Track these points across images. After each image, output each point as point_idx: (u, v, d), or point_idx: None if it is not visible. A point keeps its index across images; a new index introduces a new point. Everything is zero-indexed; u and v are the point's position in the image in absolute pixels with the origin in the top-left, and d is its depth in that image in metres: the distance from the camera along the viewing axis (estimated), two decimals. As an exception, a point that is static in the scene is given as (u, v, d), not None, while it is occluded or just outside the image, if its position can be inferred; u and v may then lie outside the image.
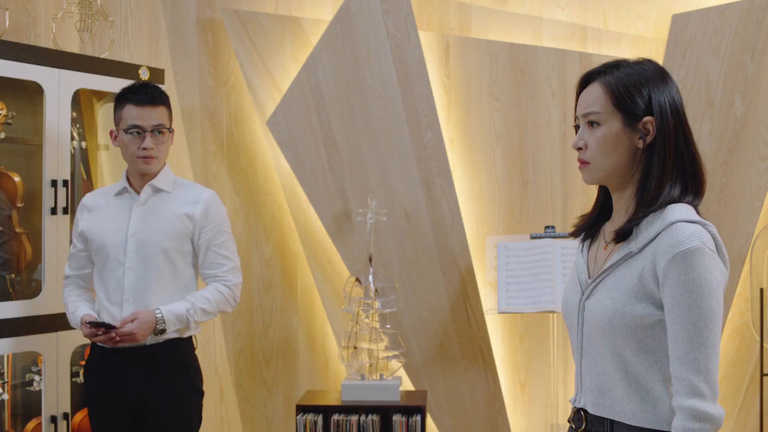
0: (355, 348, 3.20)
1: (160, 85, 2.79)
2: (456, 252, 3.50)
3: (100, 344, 2.46)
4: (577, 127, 1.60)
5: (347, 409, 3.07)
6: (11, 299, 3.00)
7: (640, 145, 1.53)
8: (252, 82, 3.54)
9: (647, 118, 1.52)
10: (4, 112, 2.99)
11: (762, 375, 3.45)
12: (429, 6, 3.68)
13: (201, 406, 2.58)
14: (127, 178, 2.58)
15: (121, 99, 2.52)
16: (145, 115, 2.48)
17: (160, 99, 2.53)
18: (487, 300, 3.52)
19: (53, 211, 2.88)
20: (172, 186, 2.58)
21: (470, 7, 3.68)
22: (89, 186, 3.32)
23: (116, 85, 2.91)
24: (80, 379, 3.04)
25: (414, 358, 3.47)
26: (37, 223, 2.98)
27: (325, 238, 3.54)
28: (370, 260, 3.24)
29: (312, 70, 3.45)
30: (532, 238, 3.36)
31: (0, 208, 3.04)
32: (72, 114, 3.05)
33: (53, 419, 2.86)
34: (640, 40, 3.69)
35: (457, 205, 3.50)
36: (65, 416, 2.90)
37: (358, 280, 3.25)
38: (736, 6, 3.47)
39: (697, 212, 1.52)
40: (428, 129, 3.48)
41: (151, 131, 2.49)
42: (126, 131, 2.49)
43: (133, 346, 2.44)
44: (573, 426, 1.61)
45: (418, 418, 3.05)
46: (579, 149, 1.58)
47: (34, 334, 2.82)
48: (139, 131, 2.49)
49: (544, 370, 3.60)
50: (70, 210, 2.93)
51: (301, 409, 3.09)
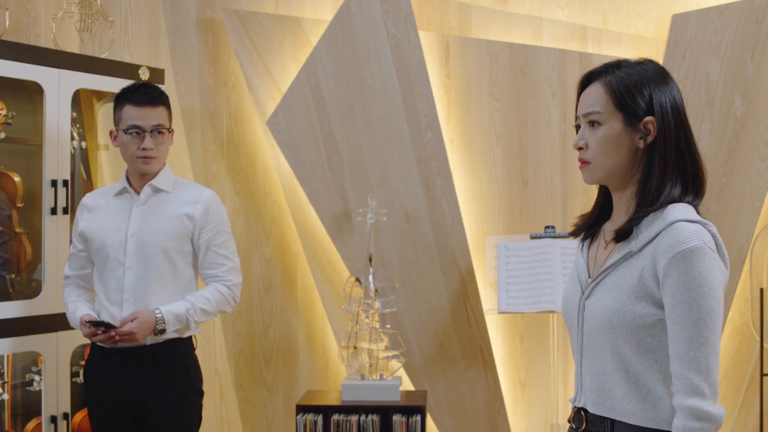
0: (355, 348, 3.19)
1: (160, 85, 2.79)
2: (456, 252, 3.50)
3: (100, 344, 2.46)
4: (577, 127, 1.61)
5: (347, 409, 3.07)
6: (11, 299, 3.00)
7: (641, 145, 1.53)
8: (252, 82, 3.54)
9: (648, 118, 1.52)
10: (4, 112, 2.99)
11: (762, 375, 3.45)
12: (429, 6, 3.68)
13: (201, 406, 2.58)
14: (127, 178, 2.57)
15: (121, 99, 2.52)
16: (145, 116, 2.48)
17: (160, 99, 2.53)
18: (487, 300, 3.52)
19: (53, 211, 2.88)
20: (172, 186, 2.58)
21: (470, 7, 3.68)
22: (89, 186, 3.32)
23: (116, 85, 2.91)
24: (80, 379, 3.04)
25: (414, 358, 3.47)
26: (37, 223, 2.98)
27: (325, 238, 3.54)
28: (370, 260, 3.24)
29: (312, 70, 3.45)
30: (532, 238, 3.36)
31: (0, 208, 3.04)
32: (72, 114, 3.05)
33: (53, 419, 2.86)
34: (640, 40, 3.69)
35: (457, 205, 3.50)
36: (65, 416, 2.90)
37: (358, 280, 3.25)
38: (736, 6, 3.47)
39: (698, 212, 1.53)
40: (428, 129, 3.48)
41: (151, 131, 2.49)
42: (125, 131, 2.49)
43: (133, 346, 2.44)
44: (573, 426, 1.61)
45: (418, 418, 3.05)
46: (580, 149, 1.58)
47: (34, 334, 2.82)
48: (139, 131, 2.48)
49: (544, 370, 3.60)
50: (70, 210, 2.93)
51: (301, 409, 3.09)
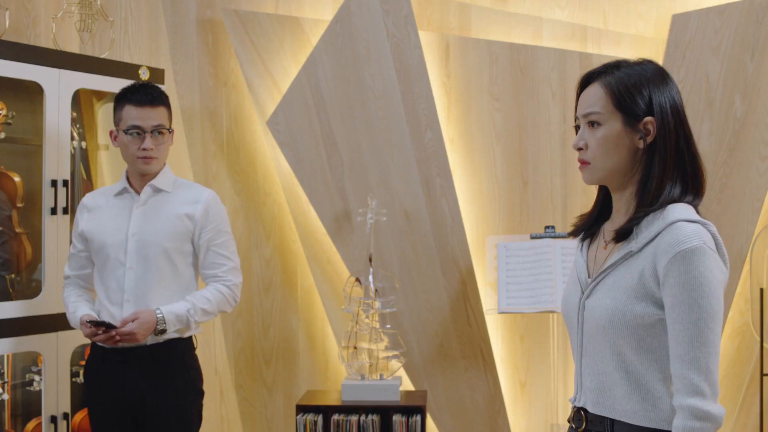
0: (355, 348, 3.19)
1: (160, 85, 2.79)
2: (456, 252, 3.50)
3: (100, 344, 2.46)
4: (577, 128, 1.61)
5: (347, 409, 3.07)
6: (11, 299, 3.00)
7: (641, 145, 1.53)
8: (252, 82, 3.54)
9: (648, 119, 1.52)
10: (4, 112, 2.99)
11: (762, 375, 3.45)
12: (429, 6, 3.68)
13: (201, 406, 2.58)
14: (127, 179, 2.57)
15: (121, 99, 2.52)
16: (145, 116, 2.48)
17: (160, 99, 2.53)
18: (487, 300, 3.52)
19: (53, 211, 2.88)
20: (172, 186, 2.58)
21: (470, 7, 3.68)
22: (89, 186, 3.32)
23: (116, 85, 2.91)
24: (80, 379, 3.04)
25: (414, 358, 3.47)
26: (37, 223, 2.98)
27: (325, 238, 3.54)
28: (370, 260, 3.24)
29: (312, 70, 3.45)
30: (532, 238, 3.36)
31: (0, 208, 3.04)
32: (72, 114, 3.05)
33: (53, 419, 2.86)
34: (640, 40, 3.69)
35: (457, 205, 3.50)
36: (65, 416, 2.90)
37: (358, 280, 3.25)
38: (736, 6, 3.47)
39: (697, 212, 1.53)
40: (428, 129, 3.48)
41: (151, 132, 2.49)
42: (126, 132, 2.49)
43: (133, 346, 2.44)
44: (573, 425, 1.61)
45: (418, 418, 3.05)
46: (579, 149, 1.58)
47: (34, 334, 2.82)
48: (139, 132, 2.48)
49: (544, 370, 3.60)
50: (70, 210, 2.93)
51: (301, 409, 3.09)
